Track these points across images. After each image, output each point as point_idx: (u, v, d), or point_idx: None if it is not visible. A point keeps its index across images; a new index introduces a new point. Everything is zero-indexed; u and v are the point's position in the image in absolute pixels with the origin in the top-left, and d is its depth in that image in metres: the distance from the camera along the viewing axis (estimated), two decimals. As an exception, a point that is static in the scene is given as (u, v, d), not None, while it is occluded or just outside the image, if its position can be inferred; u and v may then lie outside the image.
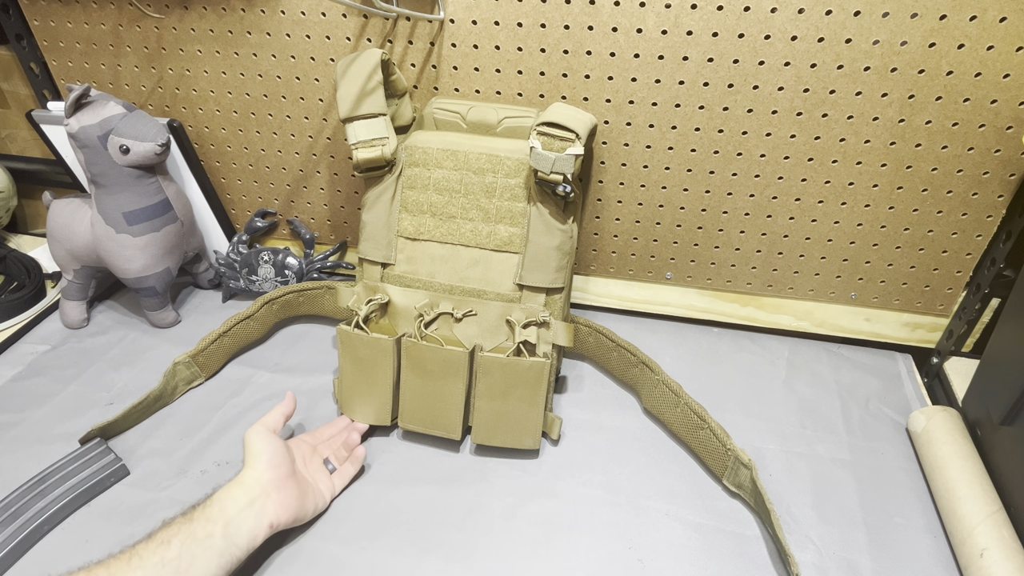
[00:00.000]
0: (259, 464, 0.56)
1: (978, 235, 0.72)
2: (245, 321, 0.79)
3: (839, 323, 0.82)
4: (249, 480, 0.55)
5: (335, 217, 0.89)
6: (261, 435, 0.58)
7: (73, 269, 0.83)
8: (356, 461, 0.65)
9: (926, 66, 0.62)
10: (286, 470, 0.57)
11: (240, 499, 0.53)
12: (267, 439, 0.58)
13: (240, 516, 0.52)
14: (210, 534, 0.50)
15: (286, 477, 0.57)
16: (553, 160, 0.61)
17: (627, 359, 0.74)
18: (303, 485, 0.59)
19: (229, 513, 0.52)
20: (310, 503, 0.59)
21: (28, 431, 0.70)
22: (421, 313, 0.68)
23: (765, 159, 0.71)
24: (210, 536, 0.50)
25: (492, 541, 0.60)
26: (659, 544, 0.59)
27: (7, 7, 0.81)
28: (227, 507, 0.52)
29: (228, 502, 0.53)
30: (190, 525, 0.50)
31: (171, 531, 0.49)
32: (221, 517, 0.51)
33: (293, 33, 0.75)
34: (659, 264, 0.83)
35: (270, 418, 0.61)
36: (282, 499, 0.56)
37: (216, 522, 0.51)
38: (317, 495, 0.60)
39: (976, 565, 0.54)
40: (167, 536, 0.49)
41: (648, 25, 0.66)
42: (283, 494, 0.56)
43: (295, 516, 0.57)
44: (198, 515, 0.51)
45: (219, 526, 0.51)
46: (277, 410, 0.62)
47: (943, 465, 0.63)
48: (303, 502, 0.58)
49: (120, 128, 0.73)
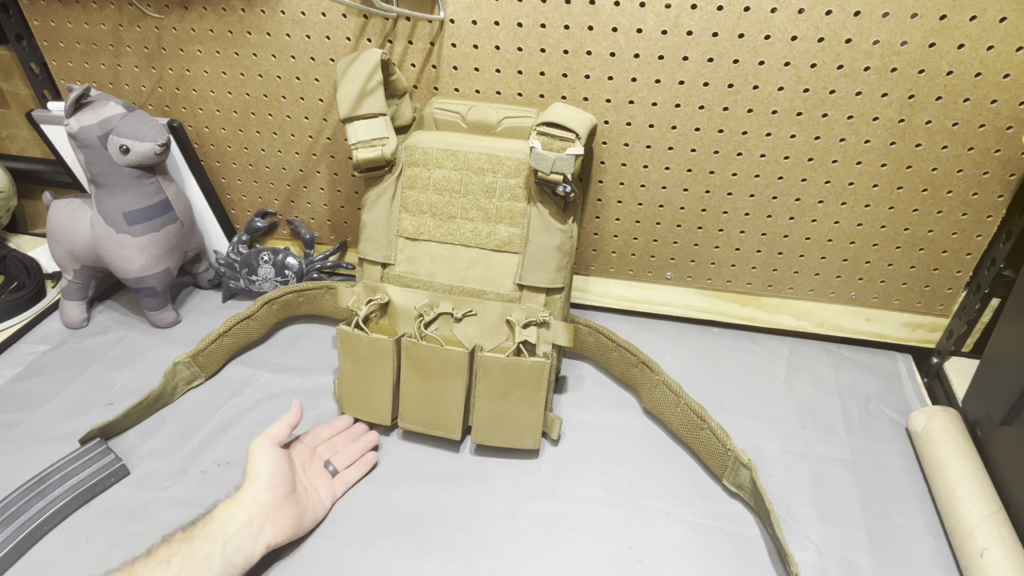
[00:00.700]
0: (258, 482, 0.56)
1: (978, 235, 0.72)
2: (245, 321, 0.79)
3: (839, 323, 0.82)
4: (248, 499, 0.55)
5: (335, 217, 0.89)
6: (264, 449, 0.58)
7: (73, 269, 0.83)
8: (364, 466, 0.64)
9: (926, 66, 0.62)
10: (285, 490, 0.56)
11: (239, 517, 0.53)
12: (270, 454, 0.57)
13: (239, 535, 0.52)
14: (209, 554, 0.50)
15: (285, 497, 0.56)
16: (553, 160, 0.61)
17: (627, 359, 0.74)
18: (302, 502, 0.58)
19: (228, 531, 0.52)
20: (309, 517, 0.58)
21: (28, 431, 0.70)
22: (421, 313, 0.68)
23: (765, 159, 0.71)
24: (209, 556, 0.50)
25: (492, 541, 0.60)
26: (659, 544, 0.59)
27: (7, 7, 0.81)
28: (226, 525, 0.52)
29: (228, 520, 0.53)
30: (190, 544, 0.50)
31: (171, 550, 0.49)
32: (220, 536, 0.51)
33: (293, 33, 0.75)
34: (659, 264, 0.83)
35: (276, 429, 0.60)
36: (280, 519, 0.55)
37: (215, 541, 0.51)
38: (317, 505, 0.60)
39: (976, 565, 0.54)
40: (167, 555, 0.49)
41: (648, 25, 0.66)
42: (281, 514, 0.55)
43: (292, 534, 0.57)
44: (198, 533, 0.51)
45: (218, 546, 0.51)
46: (283, 420, 0.61)
47: (943, 465, 0.63)
48: (301, 520, 0.57)
49: (120, 128, 0.73)
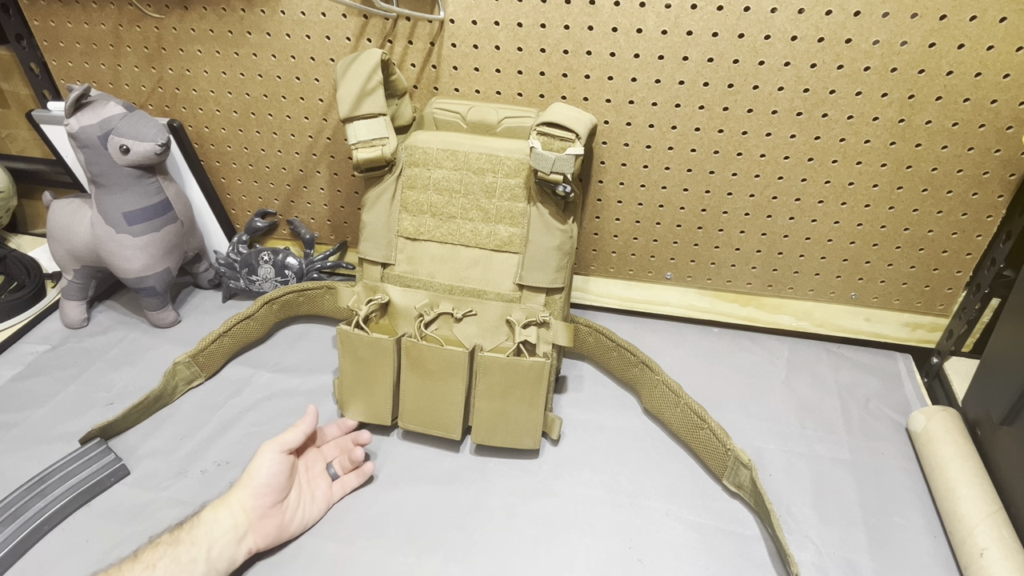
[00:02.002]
0: (249, 486, 0.56)
1: (978, 235, 0.72)
2: (245, 321, 0.79)
3: (839, 323, 0.82)
4: (235, 503, 0.55)
5: (335, 217, 0.89)
6: (270, 455, 0.57)
7: (73, 269, 0.83)
8: (362, 475, 0.64)
9: (926, 66, 0.62)
10: (274, 499, 0.56)
11: (224, 522, 0.53)
12: (273, 460, 0.57)
13: (223, 540, 0.53)
14: (194, 559, 0.51)
15: (271, 506, 0.56)
16: (553, 160, 0.61)
17: (627, 359, 0.74)
18: (290, 511, 0.58)
19: (214, 536, 0.52)
20: (295, 525, 0.58)
21: (28, 431, 0.70)
22: (421, 313, 0.68)
23: (765, 159, 0.71)
24: (194, 561, 0.50)
25: (492, 541, 0.60)
26: (659, 544, 0.59)
27: (7, 7, 0.81)
28: (212, 529, 0.53)
29: (214, 524, 0.53)
30: (175, 548, 0.50)
31: (157, 553, 0.50)
32: (206, 540, 0.52)
33: (293, 33, 0.75)
34: (659, 264, 0.83)
35: (290, 437, 0.59)
36: (261, 528, 0.55)
37: (200, 546, 0.51)
38: (308, 510, 0.59)
39: (976, 565, 0.54)
40: (153, 559, 0.49)
41: (648, 25, 0.66)
42: (264, 523, 0.56)
43: (273, 541, 0.57)
44: (184, 537, 0.51)
45: (203, 550, 0.51)
46: (299, 428, 0.60)
47: (943, 465, 0.63)
48: (283, 530, 0.57)
49: (120, 128, 0.73)
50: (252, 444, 0.68)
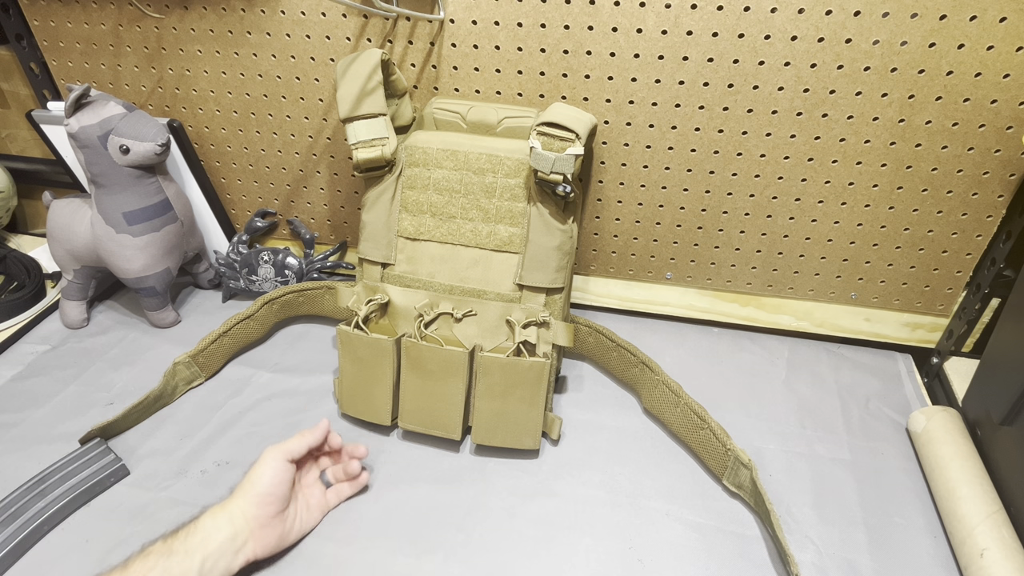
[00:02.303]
0: (251, 494, 0.55)
1: (978, 235, 0.72)
2: (245, 321, 0.79)
3: (839, 323, 0.82)
4: (236, 511, 0.54)
5: (335, 217, 0.89)
6: (274, 462, 0.57)
7: (73, 269, 0.83)
8: (356, 485, 0.63)
9: (926, 66, 0.62)
10: (276, 508, 0.56)
11: (224, 530, 0.53)
12: (276, 468, 0.56)
13: (219, 550, 0.51)
14: (186, 571, 0.49)
15: (273, 516, 0.56)
16: (553, 160, 0.61)
17: (627, 359, 0.74)
18: (289, 520, 0.57)
19: (209, 548, 0.51)
20: (293, 534, 0.58)
21: (28, 431, 0.70)
22: (421, 313, 0.68)
23: (765, 159, 0.71)
24: (185, 574, 0.49)
25: (492, 541, 0.60)
26: (659, 544, 0.59)
27: (7, 7, 0.81)
28: (209, 540, 0.51)
29: (212, 532, 0.52)
30: (167, 560, 0.49)
31: (147, 564, 0.48)
32: (200, 551, 0.51)
33: (293, 33, 0.75)
34: (659, 264, 0.83)
35: (295, 445, 0.58)
36: (263, 537, 0.55)
37: (194, 557, 0.50)
38: (305, 519, 0.59)
39: (976, 565, 0.54)
40: (143, 570, 0.48)
41: (648, 25, 0.66)
42: (265, 532, 0.55)
43: (273, 550, 0.56)
44: (178, 547, 0.50)
45: (196, 562, 0.50)
46: (305, 439, 0.59)
47: (943, 465, 0.63)
48: (283, 539, 0.57)
49: (120, 128, 0.73)
50: (252, 444, 0.69)
